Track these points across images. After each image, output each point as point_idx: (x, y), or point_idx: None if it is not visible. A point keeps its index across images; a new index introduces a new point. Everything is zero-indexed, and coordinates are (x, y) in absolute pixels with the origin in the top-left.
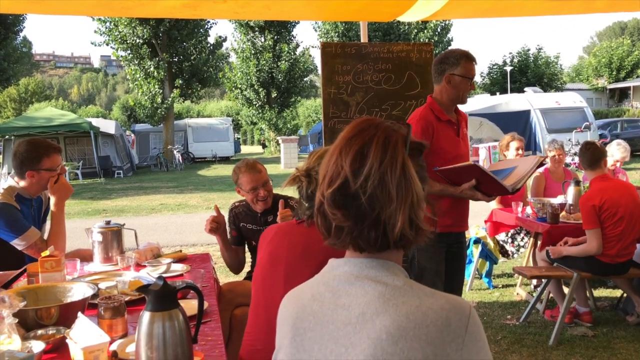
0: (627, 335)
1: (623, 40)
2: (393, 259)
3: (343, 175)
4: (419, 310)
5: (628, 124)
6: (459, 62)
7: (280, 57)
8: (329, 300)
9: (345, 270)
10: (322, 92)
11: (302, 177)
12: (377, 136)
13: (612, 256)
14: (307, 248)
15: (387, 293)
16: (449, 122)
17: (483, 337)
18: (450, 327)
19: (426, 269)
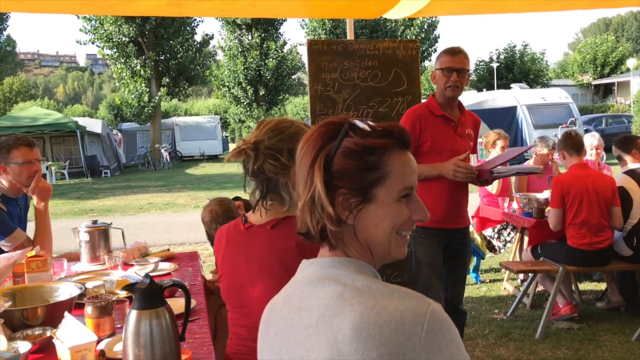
0: (612, 327)
1: (607, 36)
2: (357, 255)
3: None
4: (373, 311)
5: (612, 119)
6: (439, 57)
7: (268, 54)
8: (295, 303)
9: (310, 272)
10: (309, 89)
11: (249, 151)
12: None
13: (587, 244)
14: (263, 257)
15: (345, 294)
16: (445, 118)
17: (448, 335)
18: (404, 326)
19: (422, 262)
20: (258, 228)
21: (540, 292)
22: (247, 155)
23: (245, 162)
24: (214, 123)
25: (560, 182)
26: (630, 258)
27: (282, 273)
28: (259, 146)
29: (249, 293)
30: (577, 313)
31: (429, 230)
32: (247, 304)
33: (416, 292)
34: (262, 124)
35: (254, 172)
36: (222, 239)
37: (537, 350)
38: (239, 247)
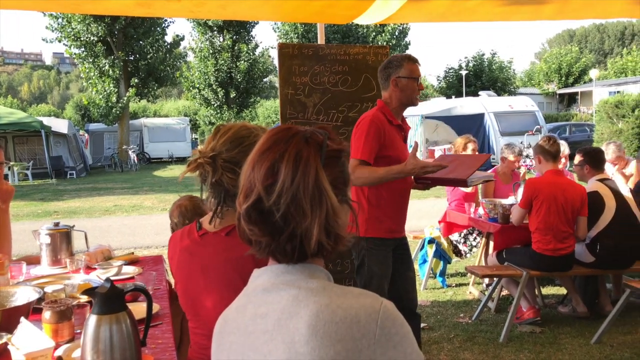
0: (572, 330)
1: (571, 47)
2: (317, 262)
3: (256, 192)
4: (328, 309)
5: (576, 127)
6: (401, 64)
7: (239, 57)
8: (250, 311)
9: (264, 279)
10: (280, 93)
11: (207, 166)
12: (288, 152)
13: (551, 249)
14: (218, 265)
15: (300, 296)
16: (399, 127)
17: (401, 331)
18: (359, 323)
19: (375, 274)
20: (213, 235)
21: (505, 296)
22: (204, 170)
23: (203, 175)
24: (183, 125)
25: (532, 185)
26: (592, 264)
27: (238, 281)
28: (217, 159)
29: (205, 302)
30: (539, 317)
31: (384, 241)
32: (204, 313)
33: (369, 292)
34: (218, 132)
35: (212, 184)
36: (175, 246)
37: (500, 354)
38: (193, 255)
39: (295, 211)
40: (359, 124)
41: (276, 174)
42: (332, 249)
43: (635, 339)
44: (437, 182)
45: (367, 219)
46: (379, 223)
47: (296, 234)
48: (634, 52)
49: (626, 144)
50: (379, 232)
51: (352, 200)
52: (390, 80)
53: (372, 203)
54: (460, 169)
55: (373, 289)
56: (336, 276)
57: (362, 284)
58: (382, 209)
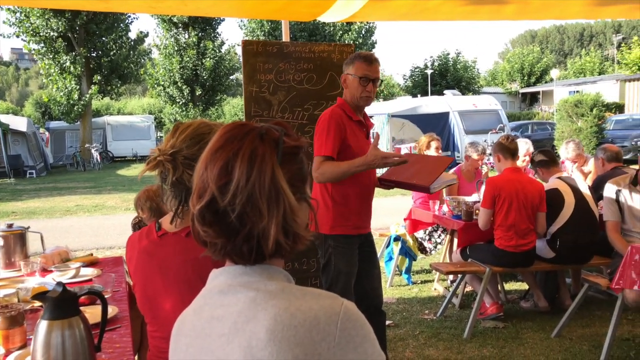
0: (534, 325)
1: (533, 47)
2: (274, 264)
3: (210, 192)
4: (287, 312)
5: (537, 126)
6: (353, 62)
7: (205, 54)
8: (207, 313)
9: (220, 280)
10: (244, 90)
11: (167, 163)
12: (243, 150)
13: (513, 246)
14: (177, 266)
15: (257, 298)
16: (360, 123)
17: (362, 332)
18: (319, 326)
19: (342, 271)
20: (172, 236)
21: (469, 292)
22: (164, 167)
23: (163, 174)
24: (147, 123)
25: (492, 184)
26: (552, 260)
27: (198, 282)
28: (177, 157)
29: (164, 304)
30: (502, 312)
31: (350, 238)
32: (163, 315)
33: (329, 292)
34: (178, 129)
35: (173, 183)
36: (134, 248)
37: (464, 350)
38: (152, 256)
39: (251, 211)
40: (319, 121)
41: (230, 173)
42: (291, 249)
43: (593, 331)
44: (400, 185)
45: (333, 217)
46: (345, 220)
47: (253, 234)
48: (592, 53)
49: (585, 142)
50: (345, 229)
51: (312, 198)
52: (342, 77)
53: (336, 201)
54: (422, 174)
55: (339, 286)
56: (301, 275)
57: (329, 283)
58: (348, 206)
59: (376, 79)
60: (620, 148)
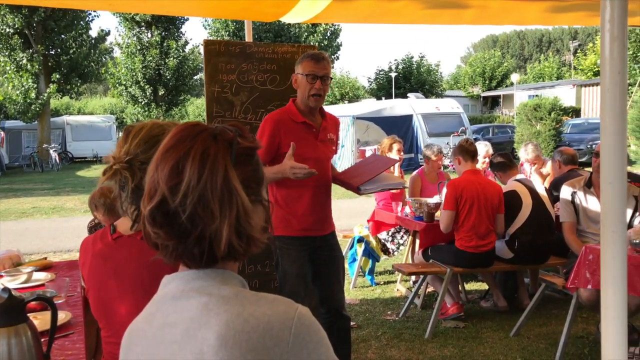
0: (494, 325)
1: (494, 52)
2: (227, 267)
3: (160, 193)
4: (240, 317)
5: (498, 129)
6: (301, 61)
7: (168, 54)
8: (159, 320)
9: (173, 286)
10: (206, 90)
11: (124, 171)
12: (194, 149)
13: (473, 246)
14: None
15: (210, 304)
16: (306, 125)
17: (315, 338)
18: (272, 331)
19: (288, 273)
20: (127, 239)
21: (430, 292)
22: (122, 176)
23: (121, 182)
24: (108, 123)
25: (454, 186)
26: (511, 260)
27: (154, 287)
28: (133, 163)
29: (118, 309)
30: (463, 312)
31: (295, 240)
32: (118, 321)
33: (285, 298)
34: (130, 134)
35: (133, 189)
36: (87, 251)
37: (426, 350)
38: (106, 259)
39: (202, 212)
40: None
41: (181, 173)
42: (244, 251)
43: (550, 330)
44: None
45: (276, 218)
46: (287, 222)
47: (205, 236)
48: (551, 58)
49: (543, 145)
50: (287, 230)
51: (268, 201)
52: (292, 78)
53: (279, 202)
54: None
55: (288, 287)
56: (264, 278)
57: (279, 284)
58: (290, 208)
59: (325, 77)
60: (577, 151)
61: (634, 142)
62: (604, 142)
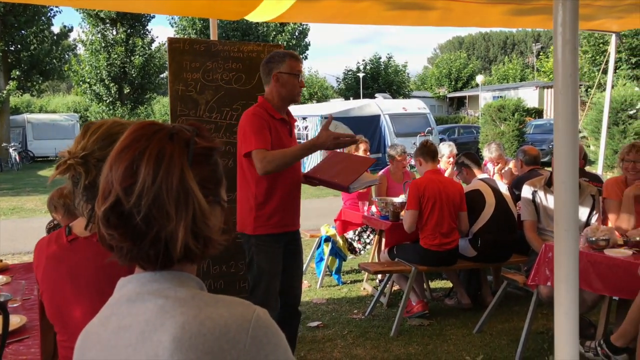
0: (458, 322)
1: (460, 53)
2: (185, 269)
3: (114, 193)
4: (196, 320)
5: (464, 129)
6: (284, 60)
7: (134, 51)
8: (114, 324)
9: (129, 288)
10: (169, 89)
11: (78, 167)
12: (149, 149)
13: (437, 245)
14: (88, 272)
15: (166, 306)
16: (283, 121)
17: (273, 340)
18: (229, 334)
19: (264, 271)
20: (83, 240)
21: (396, 291)
22: (75, 171)
23: (75, 178)
24: (72, 121)
25: (416, 185)
26: (474, 258)
27: (110, 290)
28: (89, 159)
29: (73, 312)
30: (428, 310)
31: (273, 237)
32: (73, 324)
33: (242, 300)
34: (89, 130)
35: (86, 186)
36: (41, 253)
37: (391, 348)
38: (61, 262)
39: (158, 213)
40: (241, 121)
41: (135, 173)
42: (201, 253)
43: (512, 326)
44: (322, 183)
45: (256, 217)
46: (268, 219)
47: (160, 237)
48: (514, 60)
49: (507, 145)
50: (267, 228)
51: (225, 202)
52: (272, 75)
53: (259, 200)
54: (344, 173)
55: (263, 286)
56: (229, 278)
57: (252, 283)
58: (272, 204)
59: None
60: (540, 151)
61: (594, 142)
62: (557, 143)
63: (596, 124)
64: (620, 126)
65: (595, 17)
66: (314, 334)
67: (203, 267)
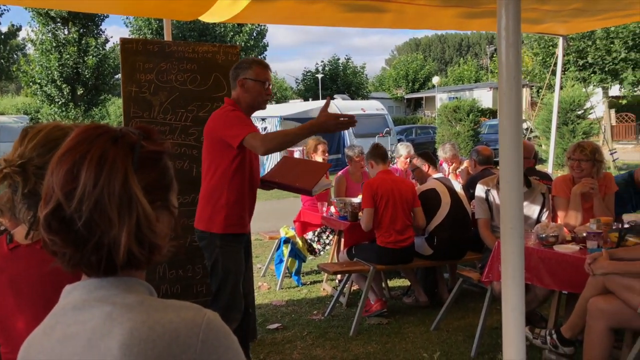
0: (415, 320)
1: (417, 55)
2: (133, 274)
3: (55, 198)
4: (145, 325)
5: (421, 130)
6: (250, 66)
7: (87, 51)
8: (59, 333)
9: (75, 296)
10: (122, 90)
11: (15, 175)
12: (91, 153)
13: (393, 242)
14: (32, 281)
15: (114, 313)
16: None
17: (225, 343)
18: (179, 339)
19: (231, 271)
20: (25, 248)
21: (355, 290)
22: (13, 180)
23: (13, 187)
24: (21, 123)
25: (370, 185)
26: (431, 256)
27: (56, 298)
28: (27, 167)
29: (16, 322)
30: (386, 308)
31: (239, 237)
32: (16, 335)
33: (193, 304)
34: (27, 136)
35: (25, 195)
36: None
37: (350, 348)
38: (2, 272)
39: (99, 219)
40: (219, 115)
41: (76, 177)
42: (146, 260)
43: (467, 322)
44: (281, 187)
45: (226, 216)
46: (238, 219)
47: (102, 243)
48: (469, 62)
49: (463, 145)
50: (236, 228)
51: (175, 207)
52: (238, 81)
53: (231, 200)
54: (305, 178)
55: (230, 286)
56: (186, 282)
57: (218, 284)
58: (242, 204)
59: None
60: (493, 150)
61: (545, 142)
62: (502, 143)
63: (547, 123)
64: (570, 126)
65: (543, 20)
66: (273, 336)
67: (159, 272)
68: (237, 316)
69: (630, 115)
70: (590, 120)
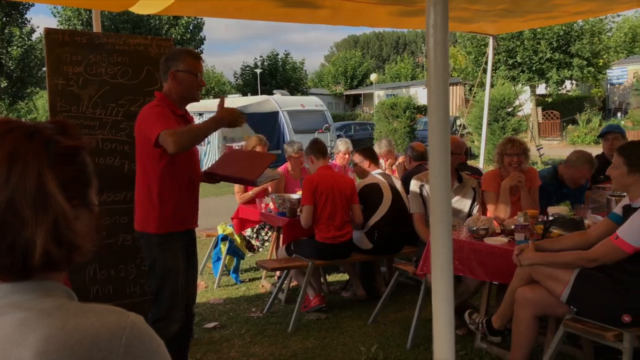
0: (353, 314)
1: (355, 52)
2: (50, 278)
3: None
4: (62, 331)
5: (359, 126)
6: (181, 58)
7: (11, 42)
8: None
9: None
10: (48, 83)
11: None
12: (2, 149)
13: (332, 238)
14: None
15: (29, 319)
16: (183, 117)
17: (150, 347)
18: (100, 343)
19: (171, 270)
20: None
21: (295, 286)
22: None
23: None
24: None
25: (310, 181)
26: (370, 251)
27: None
28: None
29: None
30: (325, 303)
31: (176, 235)
32: None
33: (115, 307)
34: None
35: None
36: None
37: (289, 344)
38: None
39: (12, 219)
40: (143, 112)
41: None
42: (66, 261)
43: (404, 315)
44: (226, 179)
45: (159, 216)
46: (173, 217)
47: (16, 245)
48: (406, 59)
49: (399, 141)
50: (172, 227)
51: (96, 205)
52: (169, 73)
53: (163, 197)
54: (249, 169)
55: (170, 285)
56: (118, 283)
57: (158, 284)
58: (175, 201)
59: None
60: (427, 147)
61: (477, 138)
62: (431, 140)
63: (479, 120)
64: (500, 122)
65: (473, 20)
66: (211, 335)
67: (89, 272)
68: (178, 316)
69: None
70: (519, 117)
